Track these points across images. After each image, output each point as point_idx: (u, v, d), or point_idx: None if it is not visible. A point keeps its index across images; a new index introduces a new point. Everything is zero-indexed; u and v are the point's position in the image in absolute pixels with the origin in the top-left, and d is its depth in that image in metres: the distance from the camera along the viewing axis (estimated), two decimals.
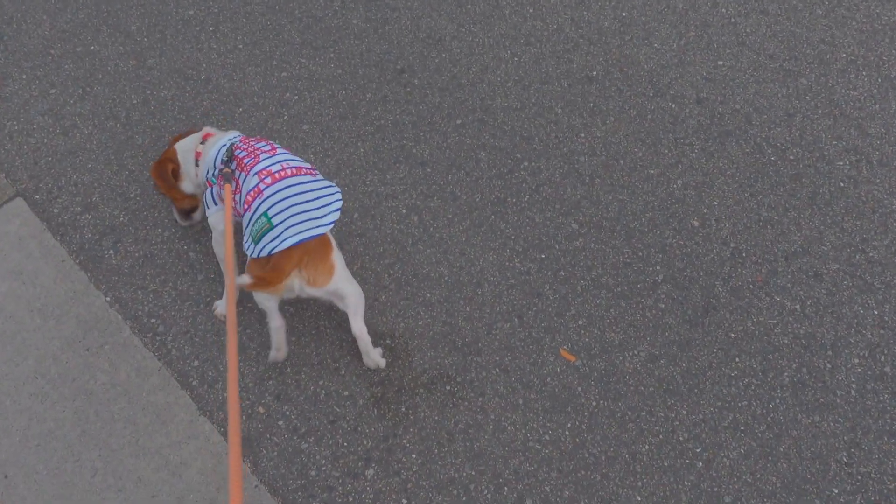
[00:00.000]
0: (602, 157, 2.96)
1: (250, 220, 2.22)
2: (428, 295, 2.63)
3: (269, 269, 2.10)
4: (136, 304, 2.65)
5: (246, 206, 2.27)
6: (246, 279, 2.06)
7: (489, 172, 2.93)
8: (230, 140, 2.46)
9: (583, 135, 3.03)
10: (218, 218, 2.44)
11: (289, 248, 2.11)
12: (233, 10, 3.55)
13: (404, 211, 2.84)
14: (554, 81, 3.21)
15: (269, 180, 2.24)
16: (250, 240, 2.20)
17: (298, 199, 2.19)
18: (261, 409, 2.41)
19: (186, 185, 2.61)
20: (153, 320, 2.62)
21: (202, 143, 2.54)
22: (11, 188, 2.97)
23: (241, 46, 3.40)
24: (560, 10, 3.46)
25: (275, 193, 2.20)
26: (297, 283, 2.18)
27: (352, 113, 3.14)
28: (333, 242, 2.29)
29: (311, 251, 2.16)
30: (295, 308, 2.60)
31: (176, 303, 2.65)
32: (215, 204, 2.45)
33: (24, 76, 3.32)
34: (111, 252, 2.78)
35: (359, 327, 2.34)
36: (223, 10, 3.54)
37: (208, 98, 3.21)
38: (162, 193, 2.70)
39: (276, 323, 2.35)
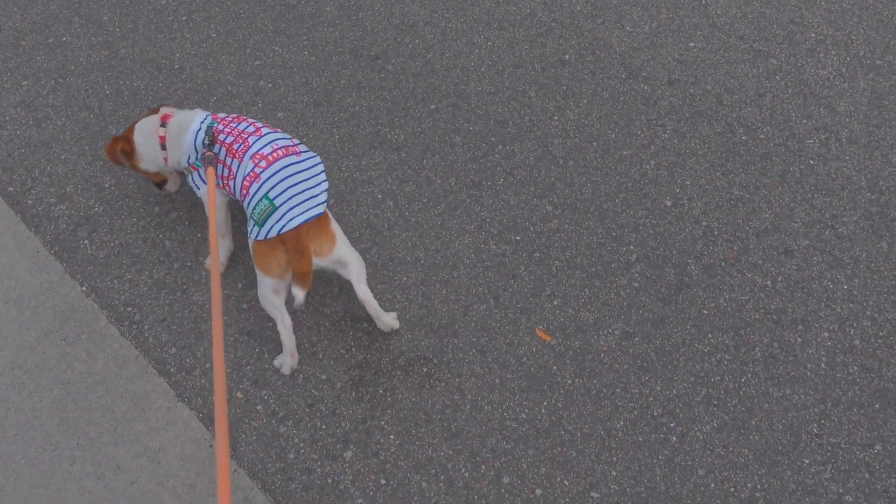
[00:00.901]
0: (575, 140, 2.98)
1: (249, 204, 2.29)
2: (404, 278, 2.65)
3: (297, 258, 2.17)
4: (113, 293, 2.65)
5: (244, 192, 2.31)
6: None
7: (464, 156, 2.95)
8: (203, 122, 2.46)
9: (556, 118, 3.05)
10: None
11: (296, 228, 2.19)
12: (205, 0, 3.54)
13: (380, 196, 2.85)
14: (527, 65, 3.23)
15: (263, 164, 2.29)
16: (254, 223, 2.26)
17: (296, 178, 2.27)
18: (239, 395, 2.42)
19: (147, 166, 2.60)
20: (130, 309, 2.62)
21: (163, 125, 2.51)
22: None
23: (214, 35, 3.39)
24: None
25: (272, 176, 2.27)
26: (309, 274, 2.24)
27: (326, 100, 3.14)
28: (330, 214, 2.35)
29: (313, 224, 2.24)
30: None
31: (152, 291, 2.65)
32: (204, 183, 2.48)
33: None
34: (86, 242, 2.77)
35: (364, 292, 2.39)
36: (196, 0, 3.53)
37: (182, 87, 3.20)
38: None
39: (288, 321, 2.37)
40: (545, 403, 2.38)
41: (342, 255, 2.32)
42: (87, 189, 2.91)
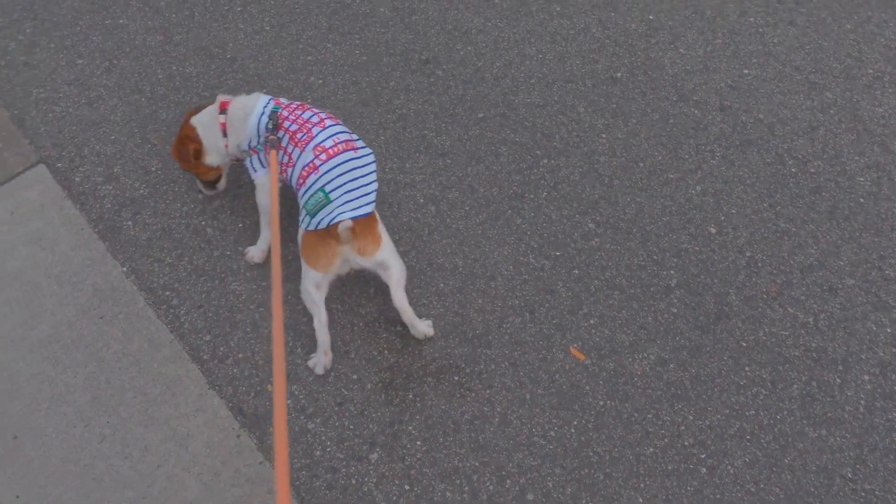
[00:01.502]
0: (622, 159, 2.96)
1: (305, 194, 2.31)
2: (441, 285, 2.64)
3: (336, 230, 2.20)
4: (152, 275, 2.67)
5: (301, 182, 2.34)
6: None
7: (508, 167, 2.94)
8: (266, 106, 2.48)
9: (604, 135, 3.03)
10: (265, 178, 2.52)
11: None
12: None
13: (422, 200, 2.85)
14: (578, 80, 3.21)
15: (323, 157, 2.32)
16: (306, 213, 2.28)
17: (351, 174, 2.29)
18: (270, 388, 2.42)
19: (212, 159, 2.63)
20: (168, 293, 2.64)
21: (222, 112, 2.55)
22: (35, 154, 3.00)
23: (267, 28, 3.41)
24: (587, 10, 3.46)
25: (330, 170, 2.29)
26: (349, 253, 2.28)
27: (374, 100, 3.15)
28: (378, 216, 2.36)
29: (361, 222, 2.25)
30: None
31: (191, 277, 2.67)
32: (262, 167, 2.52)
33: (52, 45, 3.35)
34: (129, 223, 2.80)
35: (400, 299, 2.40)
36: None
37: (233, 77, 3.22)
38: (185, 170, 2.72)
39: (324, 317, 2.39)
40: (575, 423, 2.36)
41: (385, 258, 2.33)
42: (134, 171, 2.94)
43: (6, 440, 2.36)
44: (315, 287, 2.34)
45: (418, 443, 2.32)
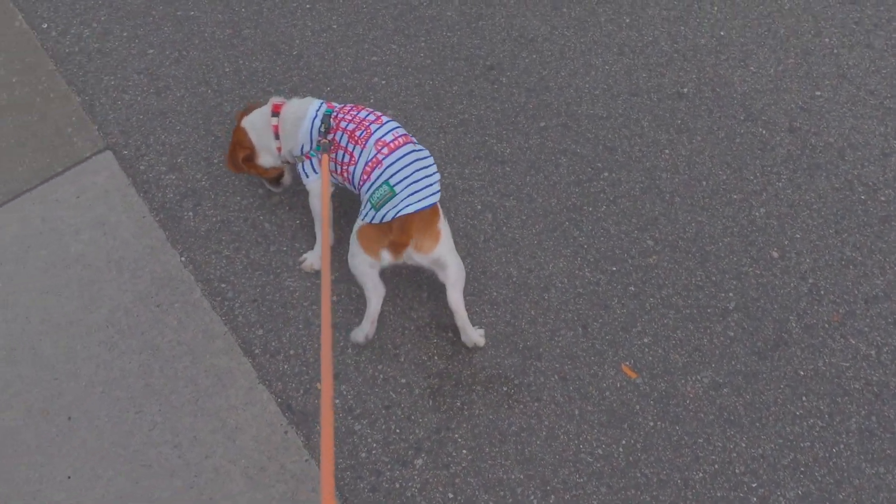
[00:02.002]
0: (685, 176, 2.91)
1: (369, 189, 2.31)
2: (494, 294, 2.62)
3: (399, 234, 2.21)
4: (209, 267, 2.71)
5: (364, 178, 2.34)
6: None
7: (568, 178, 2.91)
8: (318, 110, 2.49)
9: (667, 151, 2.98)
10: (317, 184, 2.52)
11: (410, 214, 2.20)
12: None
13: (479, 207, 2.84)
14: (643, 94, 3.16)
15: (385, 150, 2.33)
16: (370, 207, 2.27)
17: (415, 166, 2.29)
18: (319, 386, 2.44)
19: (265, 160, 2.66)
20: (223, 285, 2.67)
21: (274, 115, 2.57)
22: (102, 140, 3.06)
23: (334, 27, 3.44)
24: (657, 23, 3.41)
25: (394, 163, 2.30)
26: (406, 248, 2.27)
27: (437, 104, 3.15)
28: (441, 213, 2.35)
29: (420, 217, 2.23)
30: (360, 292, 2.61)
31: (247, 271, 2.70)
32: (315, 172, 2.52)
33: (125, 34, 3.42)
34: (190, 214, 2.84)
35: (456, 300, 2.38)
36: None
37: (298, 74, 3.25)
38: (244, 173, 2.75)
39: (380, 290, 2.38)
40: (623, 442, 2.32)
41: (441, 256, 2.30)
42: (197, 162, 2.98)
43: (61, 420, 2.42)
44: (370, 266, 2.34)
45: (464, 451, 2.31)
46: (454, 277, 2.35)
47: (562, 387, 2.43)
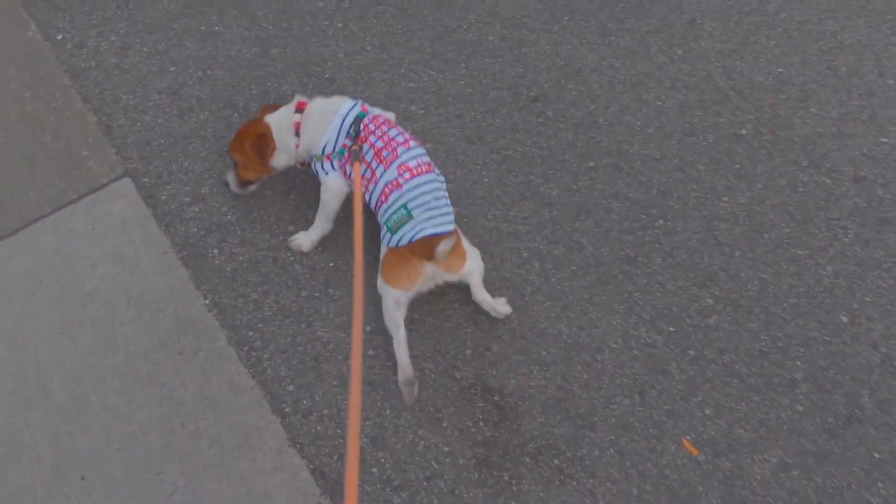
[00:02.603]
0: (745, 227, 2.72)
1: (386, 211, 2.33)
2: (543, 353, 2.43)
3: (423, 253, 2.24)
4: (236, 311, 2.51)
5: (382, 199, 2.34)
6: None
7: (620, 225, 2.72)
8: (352, 109, 2.45)
9: (726, 198, 2.79)
10: (334, 181, 2.49)
11: (429, 237, 2.23)
12: (363, 8, 3.38)
13: (526, 254, 2.64)
14: (699, 134, 2.97)
15: (407, 175, 2.33)
16: (387, 230, 2.31)
17: (432, 194, 2.31)
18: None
19: (279, 160, 2.58)
20: (251, 333, 2.47)
21: (297, 111, 2.52)
22: (120, 165, 2.86)
23: (368, 48, 3.24)
24: (711, 56, 3.22)
25: (413, 189, 2.30)
26: (432, 271, 2.32)
27: (479, 137, 2.95)
28: (459, 230, 2.40)
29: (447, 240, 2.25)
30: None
31: (276, 317, 2.50)
32: (334, 170, 2.47)
33: (145, 49, 3.21)
34: (215, 251, 2.65)
35: (481, 293, 2.45)
36: (353, 6, 3.38)
37: None
38: (234, 160, 2.57)
39: (403, 337, 2.34)
40: None
41: (472, 269, 2.39)
42: (223, 193, 2.78)
43: (73, 480, 2.23)
44: (395, 304, 2.32)
45: None
46: (478, 278, 2.43)
47: (618, 462, 2.24)
